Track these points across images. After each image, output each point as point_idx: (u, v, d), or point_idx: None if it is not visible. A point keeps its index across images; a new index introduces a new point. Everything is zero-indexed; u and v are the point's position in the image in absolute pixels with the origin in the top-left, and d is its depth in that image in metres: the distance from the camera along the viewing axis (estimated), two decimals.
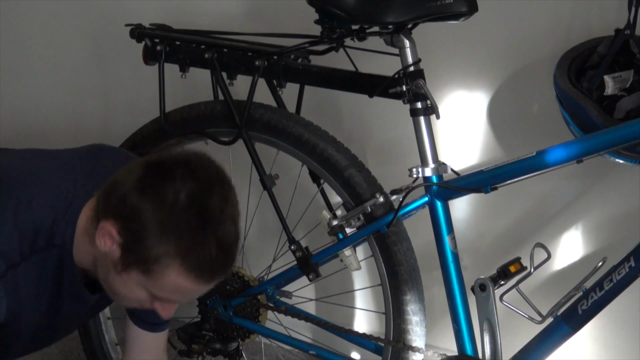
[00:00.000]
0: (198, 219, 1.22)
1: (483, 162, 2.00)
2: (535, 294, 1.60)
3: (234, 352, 1.85)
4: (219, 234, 1.23)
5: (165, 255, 1.22)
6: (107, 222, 1.24)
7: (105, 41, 2.41)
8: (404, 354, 1.67)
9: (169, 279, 1.24)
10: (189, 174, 1.23)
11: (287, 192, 1.87)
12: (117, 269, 1.27)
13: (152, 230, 1.21)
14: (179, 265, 1.22)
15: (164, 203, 1.21)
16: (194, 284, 1.25)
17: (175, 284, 1.25)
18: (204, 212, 1.22)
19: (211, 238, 1.22)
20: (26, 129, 2.63)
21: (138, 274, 1.25)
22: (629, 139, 1.40)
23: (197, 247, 1.22)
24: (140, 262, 1.24)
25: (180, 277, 1.24)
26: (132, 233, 1.23)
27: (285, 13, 2.09)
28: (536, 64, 1.89)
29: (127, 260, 1.25)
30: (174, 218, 1.21)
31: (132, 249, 1.24)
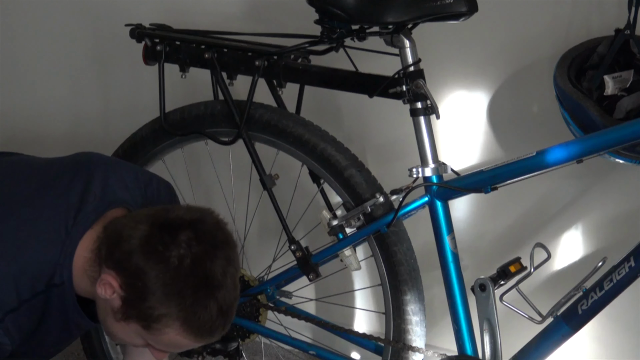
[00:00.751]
0: (201, 283, 1.25)
1: (483, 162, 2.00)
2: (535, 294, 1.60)
3: (234, 352, 1.85)
4: (220, 297, 1.27)
5: (167, 316, 1.26)
6: (109, 274, 1.27)
7: (105, 41, 2.41)
8: (404, 354, 1.67)
9: (168, 337, 1.28)
10: (195, 238, 1.26)
11: (287, 192, 1.87)
12: (116, 317, 1.30)
13: (155, 292, 1.24)
14: (179, 326, 1.26)
15: (169, 267, 1.24)
16: (193, 342, 1.30)
17: (174, 341, 1.29)
18: (207, 277, 1.26)
19: (212, 302, 1.26)
20: (26, 128, 2.63)
21: (138, 327, 1.29)
22: (629, 139, 1.40)
23: (199, 310, 1.25)
24: (141, 318, 1.27)
25: (179, 336, 1.28)
26: (135, 291, 1.26)
27: (285, 13, 2.09)
28: (536, 64, 1.89)
29: (128, 313, 1.28)
30: (177, 282, 1.24)
31: (133, 304, 1.27)
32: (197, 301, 1.25)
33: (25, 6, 2.52)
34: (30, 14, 2.53)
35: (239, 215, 1.99)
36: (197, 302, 1.25)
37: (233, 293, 1.30)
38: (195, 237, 1.26)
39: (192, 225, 1.27)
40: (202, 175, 2.30)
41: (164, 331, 1.28)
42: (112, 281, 1.27)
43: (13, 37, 2.57)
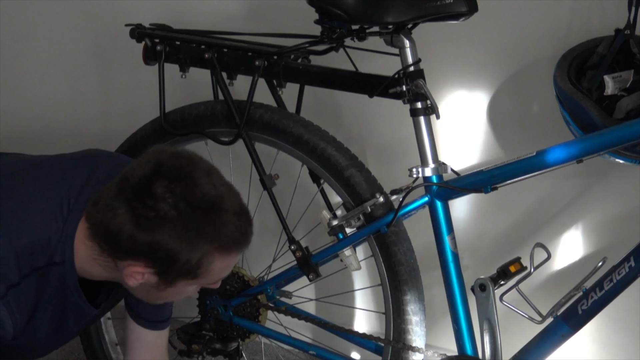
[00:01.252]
0: (206, 211, 1.25)
1: (483, 162, 2.00)
2: (535, 294, 1.60)
3: (234, 352, 1.85)
4: (228, 205, 1.27)
5: (204, 256, 1.27)
6: (129, 264, 1.28)
7: (105, 41, 2.41)
8: (404, 354, 1.67)
9: (216, 267, 1.30)
10: (167, 183, 1.24)
11: (287, 192, 1.87)
12: (160, 288, 1.32)
13: (181, 248, 1.25)
14: (219, 255, 1.28)
15: (172, 222, 1.23)
16: (237, 255, 1.33)
17: (223, 266, 1.32)
18: (206, 201, 1.25)
19: (225, 214, 1.26)
20: (26, 128, 2.63)
21: (186, 281, 1.31)
22: (629, 139, 1.40)
23: (222, 230, 1.26)
24: (184, 274, 1.29)
25: (224, 260, 1.30)
26: (162, 260, 1.26)
27: (285, 13, 2.09)
28: (536, 64, 1.89)
29: (169, 279, 1.30)
30: (189, 227, 1.24)
31: (169, 270, 1.28)
32: (216, 225, 1.25)
33: (25, 6, 2.52)
34: (30, 14, 2.53)
35: None
36: (217, 225, 1.25)
37: (233, 194, 1.30)
38: (167, 181, 1.24)
39: (156, 174, 1.25)
40: None
41: (210, 268, 1.29)
42: (136, 268, 1.27)
43: (13, 37, 2.57)
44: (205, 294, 1.86)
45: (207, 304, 1.86)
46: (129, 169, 1.27)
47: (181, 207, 1.23)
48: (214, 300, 1.85)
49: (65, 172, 1.42)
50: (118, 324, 2.03)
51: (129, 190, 1.25)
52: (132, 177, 1.26)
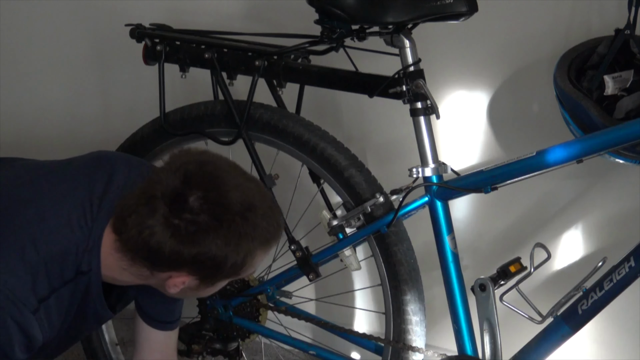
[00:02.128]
0: (242, 214, 1.26)
1: (483, 162, 2.00)
2: (535, 294, 1.60)
3: (234, 352, 1.85)
4: (259, 203, 1.29)
5: (248, 255, 1.30)
6: (171, 275, 1.30)
7: (105, 41, 2.41)
8: (404, 354, 1.67)
9: (257, 262, 1.35)
10: (201, 192, 1.24)
11: (287, 192, 1.87)
12: (200, 288, 1.35)
13: (225, 254, 1.27)
14: (261, 249, 1.33)
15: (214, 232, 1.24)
16: (274, 246, 1.37)
17: (263, 257, 1.36)
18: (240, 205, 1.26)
19: (259, 213, 1.28)
20: (26, 128, 2.63)
21: (228, 279, 1.37)
22: (629, 139, 1.40)
23: (259, 228, 1.29)
24: (230, 275, 1.33)
25: (265, 252, 1.35)
26: (208, 268, 1.29)
27: (285, 13, 2.09)
28: (536, 64, 1.89)
29: (212, 281, 1.34)
30: (231, 234, 1.26)
31: (214, 275, 1.31)
32: (254, 224, 1.27)
33: (25, 6, 2.52)
34: (30, 14, 2.53)
35: None
36: (255, 224, 1.27)
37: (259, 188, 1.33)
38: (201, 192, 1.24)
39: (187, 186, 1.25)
40: None
41: (252, 263, 1.33)
42: (180, 279, 1.30)
43: (13, 37, 2.57)
44: None
45: (207, 304, 1.86)
46: (155, 183, 1.26)
47: (219, 214, 1.24)
48: (214, 301, 1.85)
49: (83, 178, 1.40)
50: (118, 324, 2.03)
51: (163, 207, 1.24)
52: (162, 193, 1.24)
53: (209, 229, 1.24)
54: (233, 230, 1.25)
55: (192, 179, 1.25)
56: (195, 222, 1.23)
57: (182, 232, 1.23)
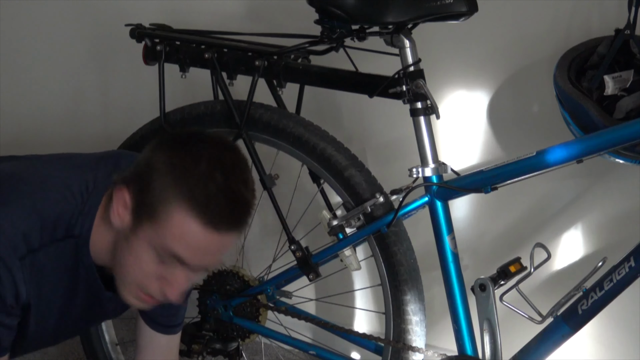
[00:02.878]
0: (208, 165, 1.21)
1: (483, 162, 2.00)
2: (535, 294, 1.60)
3: (234, 352, 1.85)
4: (229, 182, 1.22)
5: (173, 196, 1.21)
6: (121, 189, 1.26)
7: (105, 41, 2.41)
8: (404, 354, 1.67)
9: (174, 221, 1.21)
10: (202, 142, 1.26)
11: (287, 192, 1.87)
12: (127, 237, 1.26)
13: (161, 171, 1.22)
14: (184, 203, 1.20)
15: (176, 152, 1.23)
16: (202, 229, 1.21)
17: (182, 229, 1.21)
18: (217, 162, 1.22)
19: (221, 183, 1.21)
20: (26, 129, 2.63)
21: (146, 230, 1.24)
22: (629, 139, 1.40)
23: (205, 188, 1.20)
24: (148, 206, 1.23)
25: (186, 216, 1.20)
26: (143, 181, 1.24)
27: (285, 13, 2.09)
28: (536, 64, 1.89)
29: (137, 214, 1.24)
30: (183, 160, 1.22)
31: (141, 196, 1.24)
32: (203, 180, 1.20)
33: (25, 6, 2.52)
34: (30, 14, 2.53)
35: None
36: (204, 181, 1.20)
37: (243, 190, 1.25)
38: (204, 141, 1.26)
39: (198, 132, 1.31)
40: None
41: (169, 213, 1.21)
42: (124, 191, 1.25)
43: (13, 37, 2.57)
44: (205, 294, 1.86)
45: (207, 304, 1.86)
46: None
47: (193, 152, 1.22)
48: (214, 301, 1.85)
49: (90, 163, 1.42)
50: (118, 324, 2.03)
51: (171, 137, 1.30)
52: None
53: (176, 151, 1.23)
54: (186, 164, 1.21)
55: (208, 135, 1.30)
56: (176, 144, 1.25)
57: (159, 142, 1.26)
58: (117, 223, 1.27)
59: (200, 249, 1.24)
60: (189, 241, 1.22)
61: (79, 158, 1.46)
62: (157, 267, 1.26)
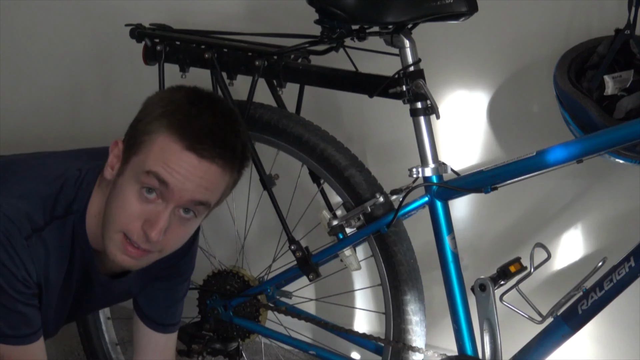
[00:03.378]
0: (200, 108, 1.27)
1: (483, 162, 2.00)
2: (535, 294, 1.60)
3: (234, 352, 1.85)
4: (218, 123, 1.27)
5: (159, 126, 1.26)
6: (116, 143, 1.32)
7: (105, 41, 2.41)
8: (404, 354, 1.67)
9: (157, 144, 1.25)
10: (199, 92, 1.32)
11: (287, 192, 1.87)
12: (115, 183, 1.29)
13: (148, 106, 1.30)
14: (169, 130, 1.24)
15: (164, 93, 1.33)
16: (181, 148, 1.23)
17: (163, 149, 1.24)
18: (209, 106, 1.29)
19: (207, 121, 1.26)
20: (26, 128, 2.63)
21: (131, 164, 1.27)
22: (629, 139, 1.40)
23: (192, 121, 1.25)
24: (135, 142, 1.27)
25: (167, 139, 1.24)
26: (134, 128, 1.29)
27: (285, 13, 2.09)
28: (536, 64, 1.89)
29: (125, 157, 1.29)
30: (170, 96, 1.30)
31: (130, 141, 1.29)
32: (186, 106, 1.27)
33: (25, 6, 2.52)
34: (30, 14, 2.53)
35: (239, 215, 1.99)
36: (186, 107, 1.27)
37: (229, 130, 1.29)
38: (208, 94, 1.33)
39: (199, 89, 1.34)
40: None
41: (153, 141, 1.25)
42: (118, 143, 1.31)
43: (13, 37, 2.57)
44: (205, 294, 1.86)
45: (207, 304, 1.86)
46: None
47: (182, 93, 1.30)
48: (214, 300, 1.85)
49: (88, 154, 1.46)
50: (118, 324, 2.03)
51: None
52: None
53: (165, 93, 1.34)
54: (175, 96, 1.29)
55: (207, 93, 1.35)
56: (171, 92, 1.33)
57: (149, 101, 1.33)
58: (108, 175, 1.30)
59: (180, 170, 1.24)
60: (169, 160, 1.24)
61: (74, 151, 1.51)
62: (140, 206, 1.27)
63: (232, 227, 1.97)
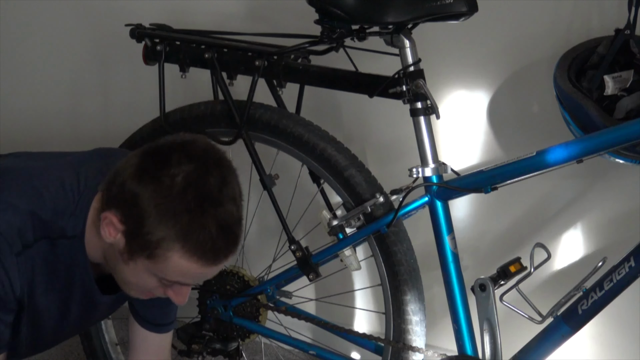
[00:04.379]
0: (195, 200, 1.22)
1: (483, 162, 2.00)
2: (535, 294, 1.60)
3: (234, 352, 1.85)
4: (219, 214, 1.23)
5: (166, 238, 1.22)
6: (110, 212, 1.26)
7: (105, 41, 2.41)
8: (404, 354, 1.67)
9: (172, 262, 1.25)
10: (185, 157, 1.24)
11: (287, 192, 1.87)
12: (124, 258, 1.28)
13: (151, 214, 1.22)
14: (180, 248, 1.23)
15: (161, 187, 1.22)
16: (199, 266, 1.26)
17: (180, 267, 1.25)
18: (201, 193, 1.23)
19: (210, 219, 1.22)
20: (26, 128, 2.63)
21: (144, 261, 1.26)
22: (629, 139, 1.40)
23: (196, 228, 1.22)
24: (144, 248, 1.24)
25: (183, 259, 1.24)
26: (133, 219, 1.24)
27: (285, 13, 2.09)
28: (536, 64, 1.89)
29: (132, 248, 1.26)
30: (171, 201, 1.21)
31: (134, 235, 1.25)
32: (193, 219, 1.22)
33: (25, 6, 2.52)
34: (30, 14, 2.53)
35: None
36: (193, 220, 1.22)
37: (234, 213, 1.26)
38: (186, 156, 1.24)
39: (183, 146, 1.25)
40: None
41: (167, 256, 1.24)
42: (112, 217, 1.25)
43: (13, 37, 2.57)
44: (205, 294, 1.86)
45: (207, 304, 1.86)
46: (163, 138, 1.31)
47: (177, 181, 1.21)
48: (214, 300, 1.85)
49: (81, 160, 1.43)
50: (118, 324, 2.03)
51: (152, 147, 1.27)
52: (163, 139, 1.28)
53: (159, 182, 1.22)
54: (173, 202, 1.21)
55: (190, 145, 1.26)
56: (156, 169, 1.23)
57: (141, 169, 1.24)
58: (109, 240, 1.28)
59: (200, 277, 1.31)
60: (190, 274, 1.28)
61: (69, 155, 1.47)
62: (160, 285, 1.32)
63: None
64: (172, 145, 1.26)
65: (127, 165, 1.26)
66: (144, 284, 1.32)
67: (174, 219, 1.22)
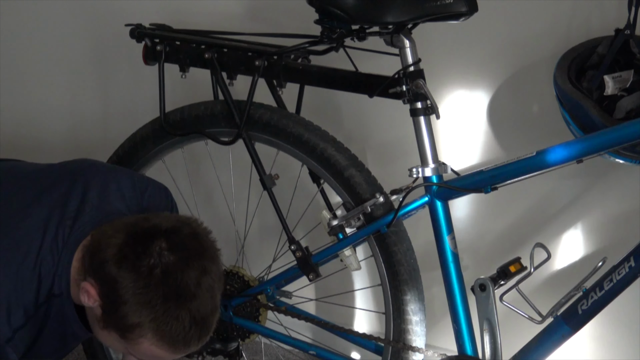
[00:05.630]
0: (171, 293, 1.26)
1: (483, 162, 2.00)
2: (535, 294, 1.60)
3: (234, 352, 1.85)
4: (193, 308, 1.27)
5: (139, 326, 1.27)
6: (89, 282, 1.29)
7: (105, 41, 2.41)
8: (404, 354, 1.67)
9: (144, 347, 1.30)
10: (167, 248, 1.27)
11: (287, 192, 1.87)
12: (100, 325, 1.32)
13: (127, 301, 1.26)
14: (152, 337, 1.27)
15: (139, 277, 1.25)
16: (168, 353, 1.31)
17: (151, 351, 1.30)
18: (178, 287, 1.26)
19: (184, 312, 1.26)
20: (25, 129, 2.63)
21: (116, 336, 1.31)
22: (629, 139, 1.40)
23: (170, 320, 1.26)
24: (117, 327, 1.29)
25: (154, 346, 1.29)
26: (109, 299, 1.28)
27: (285, 13, 2.09)
28: (536, 64, 1.89)
29: (106, 322, 1.30)
30: (147, 292, 1.25)
31: (109, 313, 1.29)
32: (168, 311, 1.26)
33: (25, 6, 2.52)
34: (30, 14, 2.53)
35: (239, 215, 1.99)
36: (168, 313, 1.26)
37: (209, 304, 1.30)
38: (168, 247, 1.27)
39: (166, 234, 1.28)
40: (202, 175, 2.30)
41: (138, 341, 1.29)
42: (91, 289, 1.29)
43: (13, 37, 2.57)
44: None
45: None
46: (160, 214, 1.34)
47: (155, 273, 1.25)
48: None
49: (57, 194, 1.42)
50: None
51: (137, 228, 1.29)
52: (151, 220, 1.30)
53: (138, 271, 1.25)
54: (150, 293, 1.25)
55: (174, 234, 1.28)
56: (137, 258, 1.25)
57: (123, 253, 1.26)
58: (86, 305, 1.32)
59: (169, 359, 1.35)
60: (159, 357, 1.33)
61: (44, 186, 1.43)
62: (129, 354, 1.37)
63: (232, 227, 1.97)
64: (156, 232, 1.28)
65: (111, 242, 1.28)
66: (115, 347, 1.38)
67: (150, 309, 1.25)
